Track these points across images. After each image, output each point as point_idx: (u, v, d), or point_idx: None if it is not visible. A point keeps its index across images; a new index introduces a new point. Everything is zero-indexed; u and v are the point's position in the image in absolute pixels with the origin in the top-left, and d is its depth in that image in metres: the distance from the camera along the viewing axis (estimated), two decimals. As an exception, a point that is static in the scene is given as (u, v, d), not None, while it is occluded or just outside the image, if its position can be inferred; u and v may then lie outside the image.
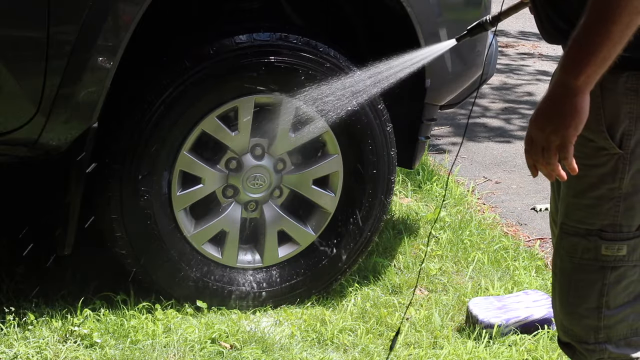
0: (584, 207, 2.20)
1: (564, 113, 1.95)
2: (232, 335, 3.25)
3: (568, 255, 2.24)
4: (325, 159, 3.50)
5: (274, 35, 3.31)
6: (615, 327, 2.25)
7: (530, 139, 2.01)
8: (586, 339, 2.26)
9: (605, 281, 2.21)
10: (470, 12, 3.77)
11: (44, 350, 3.06)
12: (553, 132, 1.96)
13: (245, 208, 3.46)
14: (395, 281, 3.76)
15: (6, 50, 2.96)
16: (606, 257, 2.20)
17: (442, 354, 3.26)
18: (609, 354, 2.26)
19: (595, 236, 2.19)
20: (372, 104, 3.46)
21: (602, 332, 2.25)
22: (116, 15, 3.02)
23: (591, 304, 2.23)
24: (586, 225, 2.20)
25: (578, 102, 1.94)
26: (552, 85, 1.98)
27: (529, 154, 2.03)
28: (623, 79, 2.09)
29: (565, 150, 1.97)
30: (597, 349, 2.26)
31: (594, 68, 1.92)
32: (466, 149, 5.66)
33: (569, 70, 1.94)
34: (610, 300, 2.22)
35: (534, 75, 7.44)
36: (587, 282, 2.23)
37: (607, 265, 2.20)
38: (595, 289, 2.22)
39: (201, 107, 3.27)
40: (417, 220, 4.37)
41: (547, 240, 4.45)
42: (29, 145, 3.11)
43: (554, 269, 2.30)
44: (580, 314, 2.25)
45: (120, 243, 3.31)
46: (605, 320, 2.24)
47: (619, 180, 2.15)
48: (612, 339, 2.25)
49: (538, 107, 2.00)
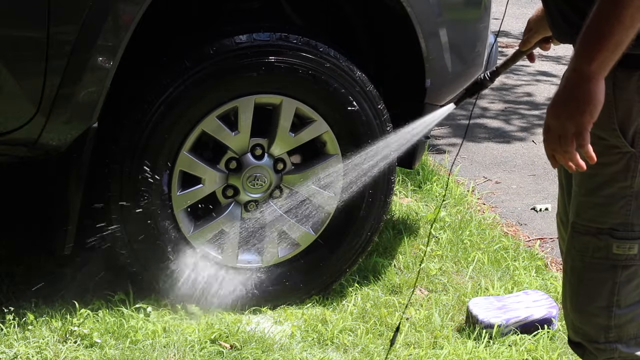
0: (595, 205, 2.20)
1: (578, 99, 1.94)
2: (232, 335, 3.25)
3: (579, 254, 2.24)
4: (325, 159, 3.50)
5: (274, 35, 3.31)
6: (626, 327, 2.24)
7: (547, 128, 2.00)
8: (596, 338, 2.26)
9: (616, 280, 2.21)
10: (470, 12, 3.77)
11: (44, 350, 3.06)
12: (568, 119, 1.96)
13: (245, 208, 3.46)
14: (395, 281, 3.76)
15: (6, 50, 2.96)
16: (617, 255, 2.20)
17: (442, 354, 3.26)
18: (619, 353, 2.25)
19: (607, 235, 2.19)
20: (372, 104, 3.45)
21: (613, 331, 2.24)
22: (116, 15, 3.02)
23: (602, 302, 2.23)
24: (597, 224, 2.20)
25: (592, 88, 1.94)
26: (566, 72, 1.98)
27: (547, 143, 2.02)
28: (635, 77, 2.09)
29: (581, 138, 1.96)
30: (607, 349, 2.26)
31: (606, 53, 1.92)
32: (466, 149, 5.66)
33: (583, 56, 1.94)
34: (621, 300, 2.22)
35: (534, 75, 7.44)
36: (597, 281, 2.23)
37: (618, 264, 2.20)
38: (606, 288, 2.22)
39: (201, 107, 3.27)
40: (417, 220, 4.37)
41: (547, 240, 4.45)
42: (29, 145, 3.11)
43: (565, 267, 2.30)
44: (591, 313, 2.25)
45: (120, 243, 3.31)
46: (616, 319, 2.24)
47: (630, 178, 2.15)
48: (623, 339, 2.25)
49: (554, 95, 1.99)
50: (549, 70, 7.53)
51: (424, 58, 3.49)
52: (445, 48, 3.51)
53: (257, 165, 3.41)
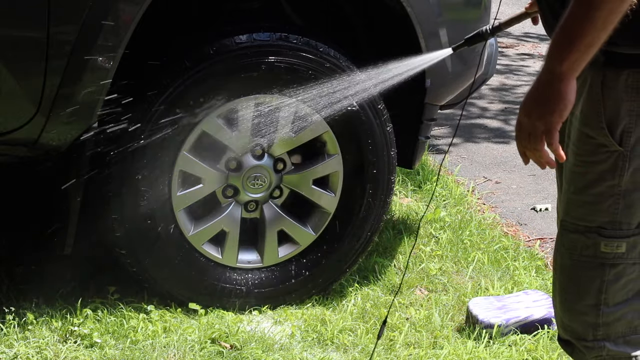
0: (584, 204, 2.21)
1: (549, 99, 1.97)
2: (232, 335, 3.25)
3: (568, 252, 2.25)
4: (325, 159, 3.50)
5: (274, 35, 3.30)
6: (614, 325, 2.25)
7: (519, 125, 2.04)
8: (584, 336, 2.27)
9: (604, 278, 2.22)
10: (470, 12, 3.77)
11: (44, 350, 3.06)
12: (538, 117, 1.99)
13: (245, 208, 3.46)
14: (395, 281, 3.76)
15: (6, 50, 2.96)
16: (605, 254, 2.20)
17: (442, 354, 3.26)
18: (608, 351, 2.26)
19: (595, 233, 2.20)
20: (372, 104, 3.45)
21: (601, 329, 2.25)
22: (116, 15, 3.02)
23: (590, 300, 2.24)
24: (586, 222, 2.21)
25: (563, 87, 1.96)
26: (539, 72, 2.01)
27: (519, 140, 2.06)
28: (624, 76, 2.10)
29: (550, 136, 2.00)
30: (595, 346, 2.26)
31: (578, 54, 1.95)
32: (466, 149, 5.66)
33: (555, 56, 1.97)
34: (609, 298, 2.23)
35: (533, 76, 7.42)
36: (586, 279, 2.23)
37: (606, 262, 2.21)
38: (594, 286, 2.23)
39: (201, 107, 3.27)
40: (417, 220, 4.37)
41: (547, 240, 4.45)
42: (29, 145, 3.11)
43: (555, 265, 2.31)
44: (579, 311, 2.26)
45: (120, 243, 3.31)
46: (604, 317, 2.24)
47: (618, 177, 2.16)
48: (611, 337, 2.25)
49: (527, 93, 2.02)
50: (548, 70, 7.52)
51: (424, 58, 3.49)
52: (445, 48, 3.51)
53: (257, 165, 3.42)
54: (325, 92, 3.28)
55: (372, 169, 3.51)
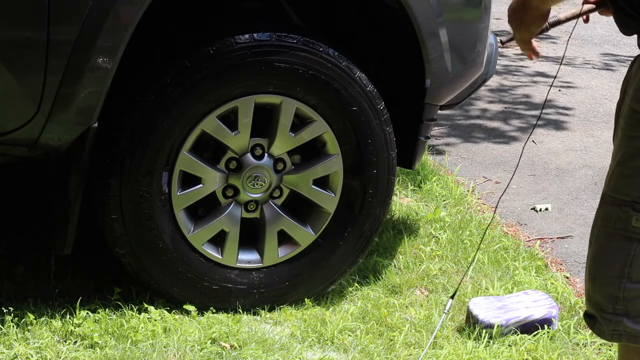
0: (623, 177, 2.26)
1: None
2: (232, 335, 3.25)
3: (603, 223, 2.30)
4: (325, 159, 3.50)
5: (274, 35, 3.30)
6: (635, 302, 2.28)
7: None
8: (605, 308, 2.31)
9: (630, 252, 2.26)
10: (470, 12, 3.77)
11: (43, 351, 3.06)
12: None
13: (245, 208, 3.46)
14: (395, 281, 3.76)
15: (6, 50, 2.96)
16: (635, 228, 2.25)
17: (442, 354, 3.26)
18: (624, 327, 2.29)
19: (629, 207, 2.25)
20: (372, 104, 3.46)
21: (621, 303, 2.28)
22: (116, 15, 3.02)
23: (614, 272, 2.28)
24: (623, 195, 2.26)
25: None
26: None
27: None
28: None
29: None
30: (613, 320, 2.30)
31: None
32: (466, 149, 5.66)
33: None
34: (633, 273, 2.26)
35: (532, 76, 7.43)
36: (613, 251, 2.28)
37: (635, 237, 2.25)
38: (621, 258, 2.27)
39: (201, 107, 3.27)
40: (417, 220, 4.37)
41: (547, 240, 4.45)
42: (29, 145, 3.11)
43: (590, 238, 2.36)
44: (604, 282, 2.30)
45: (120, 243, 3.31)
46: (626, 292, 2.28)
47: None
48: (630, 313, 2.28)
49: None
50: (547, 71, 7.53)
51: (424, 58, 3.49)
52: (445, 48, 3.51)
53: (257, 165, 3.41)
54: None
55: (372, 169, 3.51)
